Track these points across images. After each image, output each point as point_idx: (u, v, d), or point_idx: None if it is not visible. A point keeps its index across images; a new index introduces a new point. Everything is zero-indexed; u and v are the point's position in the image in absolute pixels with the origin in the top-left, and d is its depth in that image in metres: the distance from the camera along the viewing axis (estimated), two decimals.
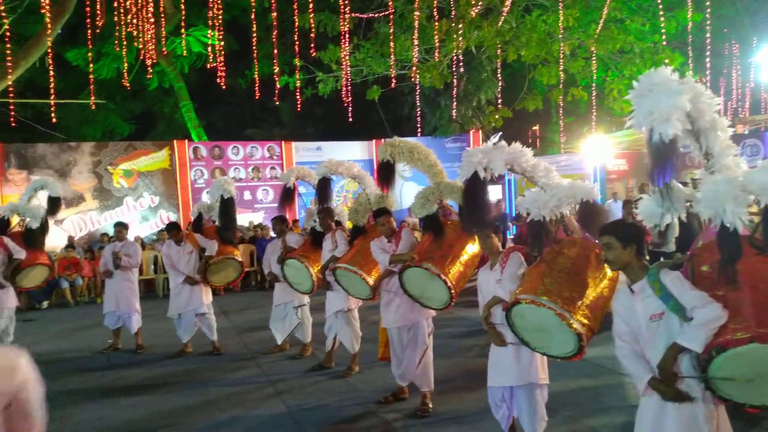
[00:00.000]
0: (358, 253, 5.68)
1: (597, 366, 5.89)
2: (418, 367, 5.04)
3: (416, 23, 12.99)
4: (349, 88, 14.49)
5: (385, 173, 5.31)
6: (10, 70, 12.91)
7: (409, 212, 13.75)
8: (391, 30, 13.69)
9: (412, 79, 14.52)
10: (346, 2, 12.42)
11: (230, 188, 7.19)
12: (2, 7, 12.25)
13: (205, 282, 7.38)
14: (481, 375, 3.92)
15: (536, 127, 21.06)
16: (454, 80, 15.16)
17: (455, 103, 16.02)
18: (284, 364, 6.76)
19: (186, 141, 16.18)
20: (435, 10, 13.15)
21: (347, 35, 13.71)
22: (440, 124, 18.07)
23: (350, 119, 14.66)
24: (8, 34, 12.40)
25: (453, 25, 13.36)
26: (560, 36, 13.35)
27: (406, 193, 15.02)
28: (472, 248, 4.77)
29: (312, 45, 13.53)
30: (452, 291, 4.56)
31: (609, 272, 3.49)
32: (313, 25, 13.51)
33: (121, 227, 7.90)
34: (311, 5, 12.98)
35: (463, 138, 17.50)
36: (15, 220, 7.58)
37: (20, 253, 6.93)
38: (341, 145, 16.85)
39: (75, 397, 5.83)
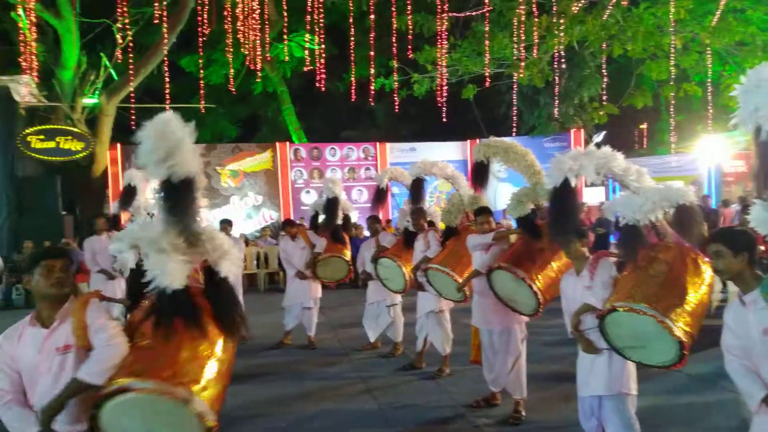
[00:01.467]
0: (451, 254, 5.65)
1: (706, 381, 5.49)
2: (511, 373, 4.93)
3: (522, 18, 12.72)
4: (445, 88, 14.45)
5: (479, 174, 5.25)
6: (131, 78, 14.09)
7: (504, 214, 13.53)
8: (487, 28, 13.50)
9: (515, 77, 14.20)
10: (445, 1, 12.45)
11: (335, 188, 7.51)
12: (127, 21, 13.39)
13: (315, 277, 7.66)
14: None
15: (644, 126, 19.90)
16: (556, 77, 14.67)
17: (556, 101, 15.49)
18: (376, 362, 6.86)
19: (287, 143, 16.86)
20: (535, 5, 12.81)
21: (444, 35, 13.69)
22: (538, 123, 17.55)
23: (444, 119, 14.62)
24: (131, 45, 13.55)
25: (554, 20, 12.95)
26: (671, 29, 12.55)
27: (500, 194, 14.73)
28: None
29: (409, 47, 13.64)
30: (539, 297, 4.43)
31: (708, 277, 3.31)
32: (410, 26, 13.61)
33: (226, 224, 8.37)
34: (409, 6, 13.10)
35: (562, 137, 16.88)
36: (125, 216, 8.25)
37: None
38: (435, 146, 16.82)
39: None
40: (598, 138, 16.12)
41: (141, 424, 2.41)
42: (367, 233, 10.98)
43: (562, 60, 14.42)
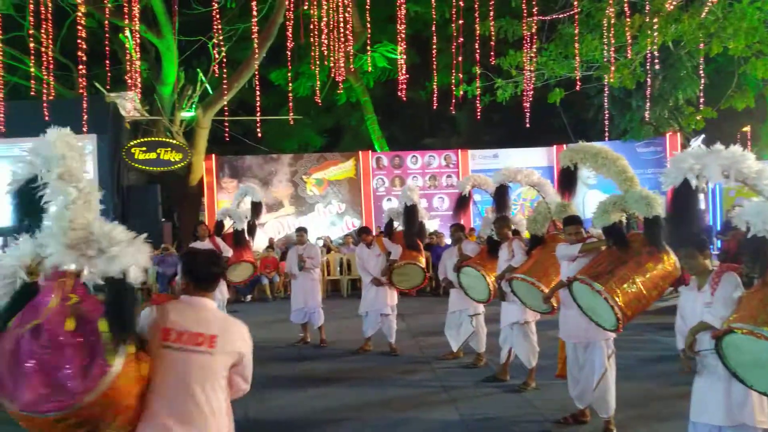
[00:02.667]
0: (537, 264, 5.49)
1: None
2: (595, 390, 4.69)
3: (612, 20, 12.24)
4: (531, 92, 14.14)
5: (566, 180, 5.08)
6: (225, 92, 14.84)
7: (593, 223, 13.01)
8: (576, 30, 13.07)
9: (605, 79, 13.65)
10: (534, 2, 12.21)
11: (413, 196, 7.58)
12: (221, 38, 14.12)
13: (391, 284, 7.71)
14: (674, 404, 3.55)
15: (747, 128, 18.52)
16: (648, 79, 13.98)
17: (649, 104, 14.74)
18: (458, 372, 6.78)
19: (369, 151, 17.11)
20: (626, 5, 12.26)
21: (531, 38, 13.41)
22: (631, 127, 16.77)
23: (527, 125, 14.30)
24: (225, 60, 14.27)
25: (647, 19, 12.34)
26: None
27: (589, 201, 14.17)
28: (657, 267, 4.29)
29: (492, 53, 13.48)
30: (616, 311, 4.13)
31: None
32: (493, 32, 13.44)
33: (301, 232, 8.64)
34: (492, 12, 12.95)
35: (657, 141, 16.05)
36: (228, 222, 8.83)
37: (228, 252, 8.09)
38: (519, 152, 16.50)
39: (272, 382, 6.44)
40: (696, 142, 15.16)
41: None
42: (448, 241, 10.92)
43: (656, 61, 13.70)
